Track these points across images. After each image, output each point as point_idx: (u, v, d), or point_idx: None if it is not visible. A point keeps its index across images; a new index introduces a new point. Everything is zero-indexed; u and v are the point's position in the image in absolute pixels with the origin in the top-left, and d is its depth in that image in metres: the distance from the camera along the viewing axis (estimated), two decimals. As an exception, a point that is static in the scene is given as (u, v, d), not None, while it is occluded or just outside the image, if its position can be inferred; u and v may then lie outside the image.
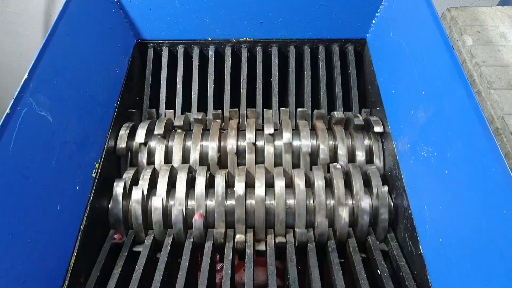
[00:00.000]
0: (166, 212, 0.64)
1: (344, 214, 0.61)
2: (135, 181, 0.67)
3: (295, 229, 0.63)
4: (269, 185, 0.66)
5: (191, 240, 0.63)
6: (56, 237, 0.53)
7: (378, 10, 0.78)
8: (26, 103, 0.51)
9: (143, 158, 0.72)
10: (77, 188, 0.59)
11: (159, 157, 0.71)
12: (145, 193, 0.64)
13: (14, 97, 0.50)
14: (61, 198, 0.55)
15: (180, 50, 0.84)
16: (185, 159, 0.72)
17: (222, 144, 0.72)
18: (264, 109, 0.77)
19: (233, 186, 0.65)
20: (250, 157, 0.70)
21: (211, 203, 0.64)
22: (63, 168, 0.56)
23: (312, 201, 0.64)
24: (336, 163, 0.68)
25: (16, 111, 0.50)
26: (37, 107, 0.53)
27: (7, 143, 0.48)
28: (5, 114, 0.49)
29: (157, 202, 0.63)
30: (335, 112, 0.74)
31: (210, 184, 0.67)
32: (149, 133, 0.73)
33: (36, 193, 0.51)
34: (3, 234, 0.45)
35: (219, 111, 0.76)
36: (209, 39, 0.83)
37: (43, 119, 0.54)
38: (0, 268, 0.44)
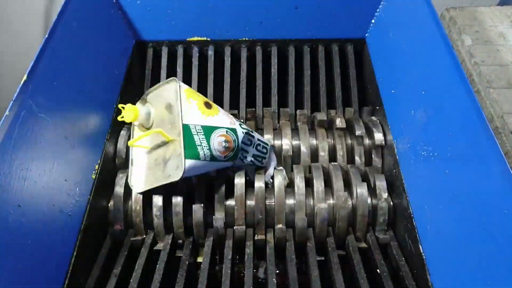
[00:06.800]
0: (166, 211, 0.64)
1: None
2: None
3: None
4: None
5: (191, 240, 0.63)
6: (56, 237, 0.53)
7: (378, 10, 0.78)
8: (25, 105, 0.51)
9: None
10: (77, 189, 0.59)
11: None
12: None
13: (13, 99, 0.50)
14: (61, 199, 0.55)
15: (180, 50, 0.84)
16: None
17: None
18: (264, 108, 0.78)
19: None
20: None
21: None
22: (63, 169, 0.56)
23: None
24: (334, 163, 0.68)
25: (16, 113, 0.50)
26: (36, 109, 0.53)
27: (6, 145, 0.48)
28: (4, 115, 0.49)
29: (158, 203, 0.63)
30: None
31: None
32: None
33: (36, 194, 0.51)
34: (3, 235, 0.45)
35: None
36: (209, 39, 0.83)
37: (42, 120, 0.54)
38: (0, 269, 0.44)
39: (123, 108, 0.60)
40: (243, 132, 0.61)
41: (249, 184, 0.66)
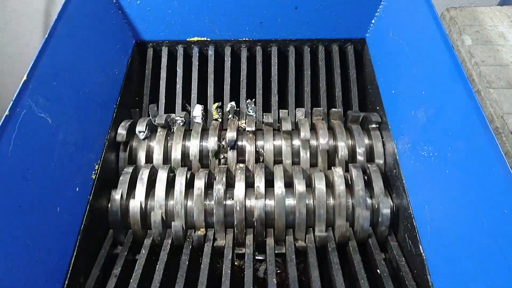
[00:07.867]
0: (166, 213, 0.64)
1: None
2: (133, 180, 0.67)
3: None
4: (268, 185, 0.66)
5: (191, 240, 0.63)
6: (56, 238, 0.53)
7: (378, 10, 0.78)
8: (25, 105, 0.51)
9: (141, 156, 0.72)
10: (77, 189, 0.59)
11: (157, 155, 0.71)
12: (144, 194, 0.64)
13: (13, 99, 0.50)
14: (61, 200, 0.55)
15: (180, 50, 0.84)
16: (184, 159, 0.72)
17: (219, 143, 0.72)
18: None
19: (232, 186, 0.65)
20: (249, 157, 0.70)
21: (210, 203, 0.64)
22: (63, 169, 0.56)
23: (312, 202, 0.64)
24: (335, 167, 0.68)
25: (15, 113, 0.50)
26: (36, 109, 0.53)
27: (6, 145, 0.48)
28: (4, 116, 0.49)
29: (156, 205, 0.63)
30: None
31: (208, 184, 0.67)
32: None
33: (36, 195, 0.51)
34: (3, 236, 0.45)
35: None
36: (209, 39, 0.83)
37: (42, 120, 0.54)
38: (1, 270, 0.44)
39: None
40: None
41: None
